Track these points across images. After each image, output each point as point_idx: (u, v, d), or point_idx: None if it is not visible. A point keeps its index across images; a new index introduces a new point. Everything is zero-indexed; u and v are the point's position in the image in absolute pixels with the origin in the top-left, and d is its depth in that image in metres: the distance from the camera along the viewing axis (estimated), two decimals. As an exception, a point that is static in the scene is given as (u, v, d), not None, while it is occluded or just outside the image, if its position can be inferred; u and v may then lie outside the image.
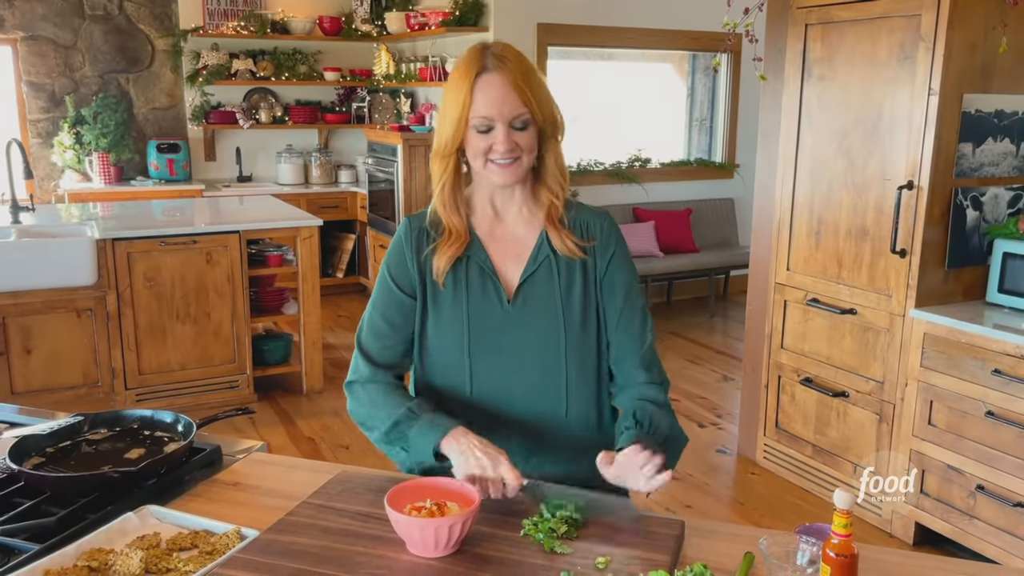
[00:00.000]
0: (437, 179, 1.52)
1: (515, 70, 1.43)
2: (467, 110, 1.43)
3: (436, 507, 1.28)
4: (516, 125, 1.44)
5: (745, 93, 6.54)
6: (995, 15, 2.82)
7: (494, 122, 1.43)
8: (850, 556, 1.11)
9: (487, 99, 1.42)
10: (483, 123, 1.43)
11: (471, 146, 1.46)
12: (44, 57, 6.06)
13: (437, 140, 1.50)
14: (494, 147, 1.44)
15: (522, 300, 1.52)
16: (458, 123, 1.44)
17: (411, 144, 5.56)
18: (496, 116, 1.43)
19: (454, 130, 1.45)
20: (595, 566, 1.23)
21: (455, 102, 1.44)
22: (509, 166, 1.46)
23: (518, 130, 1.44)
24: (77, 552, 1.26)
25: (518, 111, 1.43)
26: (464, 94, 1.43)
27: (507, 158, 1.45)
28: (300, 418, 4.28)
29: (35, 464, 1.52)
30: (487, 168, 1.47)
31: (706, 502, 3.49)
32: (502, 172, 1.47)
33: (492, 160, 1.46)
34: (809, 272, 3.42)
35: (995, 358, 2.73)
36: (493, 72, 1.43)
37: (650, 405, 1.52)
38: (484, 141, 1.44)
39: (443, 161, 1.50)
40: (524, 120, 1.44)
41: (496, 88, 1.42)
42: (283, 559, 1.24)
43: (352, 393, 1.58)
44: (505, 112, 1.42)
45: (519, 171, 1.48)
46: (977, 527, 2.85)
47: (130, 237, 4.03)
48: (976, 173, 2.98)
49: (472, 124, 1.44)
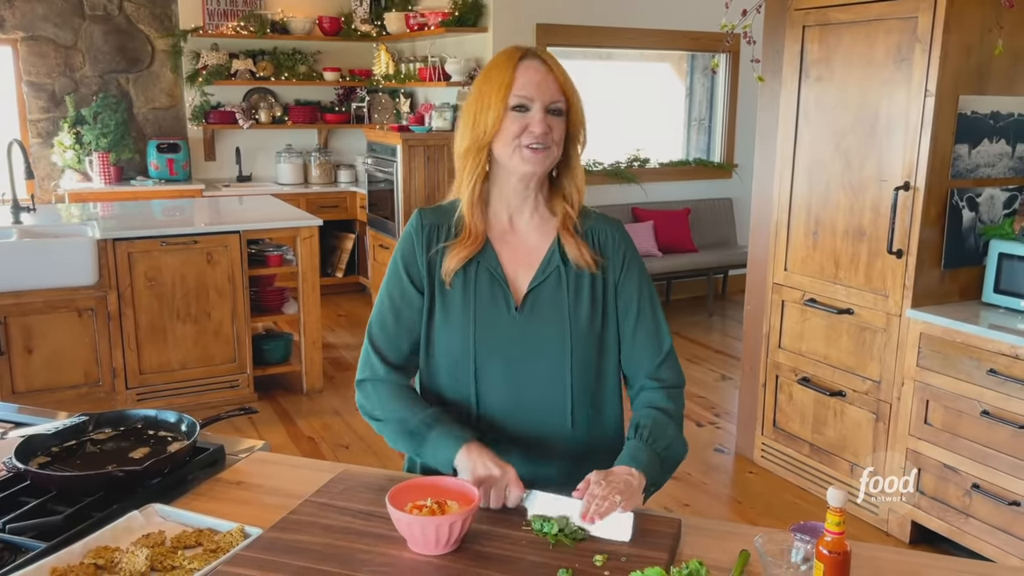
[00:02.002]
0: (468, 177, 1.51)
1: (555, 64, 1.48)
2: (508, 90, 1.44)
3: (437, 505, 1.29)
4: (552, 109, 1.46)
5: (743, 93, 6.56)
6: (991, 17, 2.84)
7: (533, 102, 1.45)
8: (843, 553, 1.13)
9: (528, 80, 1.45)
10: (522, 101, 1.45)
11: (504, 131, 1.46)
12: (44, 57, 6.08)
13: (472, 132, 1.49)
14: (529, 128, 1.45)
15: (530, 307, 1.53)
16: (500, 106, 1.45)
17: (410, 144, 5.58)
18: (535, 96, 1.45)
19: (495, 114, 1.45)
20: (593, 563, 1.25)
21: (496, 85, 1.45)
22: (539, 152, 1.46)
23: (553, 115, 1.46)
24: (84, 550, 1.28)
25: (556, 97, 1.46)
26: (507, 75, 1.45)
27: (540, 143, 1.45)
28: (300, 417, 4.30)
29: (41, 463, 1.54)
30: (517, 154, 1.47)
31: (704, 501, 3.51)
32: (533, 157, 1.46)
33: (524, 145, 1.46)
34: (807, 272, 3.44)
35: (991, 358, 2.75)
36: (535, 59, 1.47)
37: (656, 413, 1.53)
38: (519, 123, 1.45)
39: (476, 156, 1.50)
40: (560, 107, 1.47)
41: (538, 72, 1.46)
42: (287, 556, 1.26)
43: (363, 391, 1.59)
44: (544, 95, 1.45)
45: (547, 160, 1.48)
46: (973, 525, 2.88)
47: (131, 237, 4.05)
48: (972, 174, 3.00)
49: (510, 103, 1.45)
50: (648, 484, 1.42)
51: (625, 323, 1.57)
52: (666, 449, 1.49)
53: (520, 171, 1.49)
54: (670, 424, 1.53)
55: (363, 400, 1.59)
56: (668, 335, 1.59)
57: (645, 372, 1.57)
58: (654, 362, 1.57)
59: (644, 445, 1.47)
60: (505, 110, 1.45)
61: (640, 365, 1.58)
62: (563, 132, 1.48)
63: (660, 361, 1.57)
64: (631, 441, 1.49)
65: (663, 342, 1.58)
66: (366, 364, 1.59)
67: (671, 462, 1.50)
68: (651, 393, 1.56)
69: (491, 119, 1.46)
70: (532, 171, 1.49)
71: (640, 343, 1.57)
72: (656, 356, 1.57)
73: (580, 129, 1.52)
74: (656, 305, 1.59)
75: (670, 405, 1.55)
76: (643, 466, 1.43)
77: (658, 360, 1.57)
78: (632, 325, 1.56)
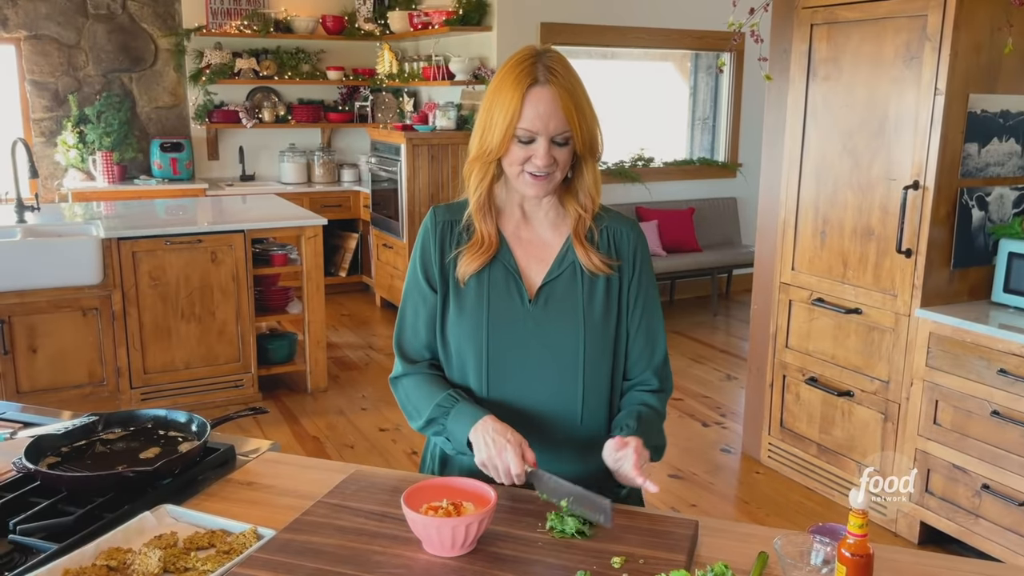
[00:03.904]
0: (475, 185, 1.53)
1: (565, 86, 1.44)
2: (515, 121, 1.44)
3: (452, 507, 1.28)
4: (558, 141, 1.46)
5: (748, 92, 6.55)
6: (1000, 15, 2.83)
7: (538, 136, 1.44)
8: (866, 556, 1.12)
9: (536, 113, 1.43)
10: (527, 135, 1.45)
11: (510, 155, 1.47)
12: (48, 56, 6.07)
13: (480, 145, 1.50)
14: (533, 159, 1.46)
15: (543, 301, 1.54)
16: (505, 133, 1.45)
17: (414, 143, 5.57)
18: (541, 131, 1.44)
19: (501, 139, 1.46)
20: (611, 566, 1.24)
21: (504, 111, 1.45)
22: (542, 179, 1.48)
23: (559, 146, 1.46)
24: (95, 551, 1.26)
25: (562, 129, 1.45)
26: (515, 105, 1.43)
27: (543, 171, 1.46)
28: (305, 417, 4.29)
29: (50, 464, 1.53)
30: (520, 178, 1.49)
31: (711, 501, 3.50)
32: (535, 184, 1.49)
33: (527, 171, 1.47)
34: (814, 272, 3.43)
35: (1000, 358, 2.74)
36: (545, 86, 1.44)
37: (646, 410, 1.57)
38: (524, 152, 1.46)
39: (483, 168, 1.51)
40: (566, 137, 1.46)
41: (546, 103, 1.43)
42: (301, 558, 1.25)
43: (395, 389, 1.62)
44: (551, 128, 1.44)
45: (549, 186, 1.50)
46: (982, 526, 2.86)
47: (135, 236, 4.03)
48: (981, 173, 2.99)
49: (516, 134, 1.45)
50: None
51: (631, 322, 1.59)
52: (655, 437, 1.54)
53: (523, 192, 1.52)
54: (657, 420, 1.57)
55: (397, 396, 1.63)
56: (663, 344, 1.63)
57: (636, 374, 1.61)
58: (647, 368, 1.61)
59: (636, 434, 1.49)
60: (511, 138, 1.46)
61: (633, 367, 1.61)
62: (569, 155, 1.49)
63: (653, 369, 1.61)
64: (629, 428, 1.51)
65: (656, 351, 1.61)
66: (396, 363, 1.63)
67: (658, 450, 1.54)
68: (645, 394, 1.60)
69: (496, 141, 1.47)
70: (533, 195, 1.52)
71: (636, 348, 1.60)
72: (649, 363, 1.61)
73: (592, 147, 1.51)
74: (656, 313, 1.62)
75: (656, 404, 1.59)
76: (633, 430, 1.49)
77: (651, 368, 1.61)
78: (633, 329, 1.59)
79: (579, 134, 1.46)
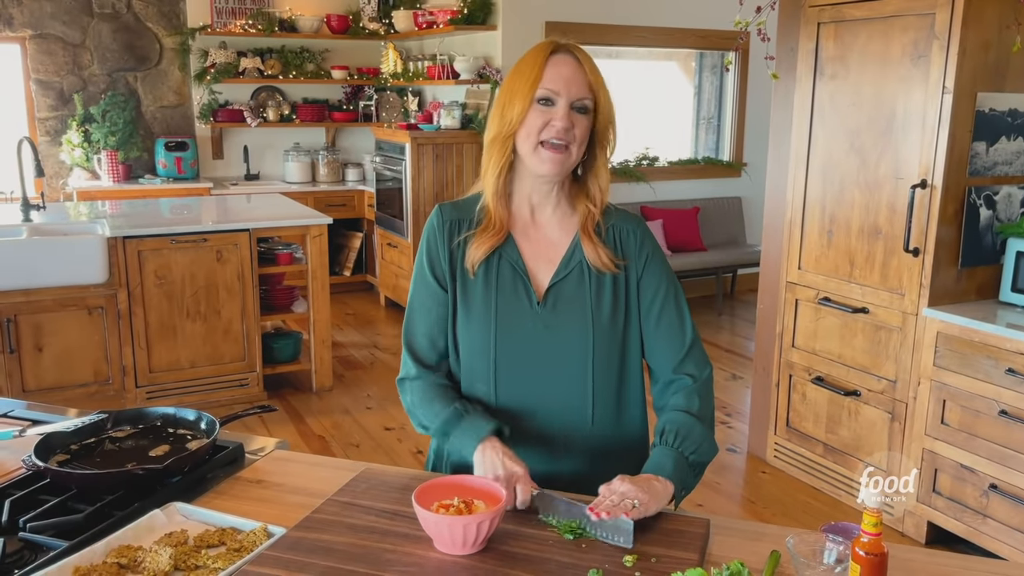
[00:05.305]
0: (494, 167, 1.51)
1: (586, 60, 1.47)
2: (536, 83, 1.44)
3: (464, 505, 1.28)
4: (577, 107, 1.45)
5: (753, 91, 6.54)
6: (1008, 14, 2.82)
7: (559, 97, 1.44)
8: (880, 555, 1.11)
9: (557, 73, 1.44)
10: (547, 94, 1.44)
11: (528, 123, 1.45)
12: (52, 55, 6.07)
13: (498, 123, 1.48)
14: (552, 122, 1.44)
15: (551, 303, 1.52)
16: (526, 97, 1.44)
17: (419, 142, 5.56)
18: (562, 91, 1.44)
19: (521, 106, 1.44)
20: (623, 564, 1.23)
21: (525, 77, 1.45)
22: (558, 152, 1.45)
23: (578, 112, 1.45)
24: (106, 549, 1.26)
25: (583, 94, 1.45)
26: (536, 69, 1.44)
27: (560, 139, 1.44)
28: (310, 416, 4.28)
29: (60, 461, 1.53)
30: (536, 153, 1.46)
31: (717, 501, 3.49)
32: (552, 157, 1.45)
33: (545, 141, 1.45)
34: (821, 271, 3.42)
35: (1008, 357, 2.73)
36: (567, 54, 1.46)
37: (681, 416, 1.50)
38: (543, 116, 1.44)
39: (502, 147, 1.49)
40: (585, 105, 1.46)
41: (568, 67, 1.45)
42: (312, 556, 1.24)
43: (403, 390, 1.60)
44: (572, 91, 1.44)
45: (566, 162, 1.47)
46: (990, 526, 2.85)
47: (141, 235, 4.04)
48: (989, 172, 2.98)
49: (537, 96, 1.44)
50: (678, 489, 1.41)
51: (648, 317, 1.55)
52: (694, 452, 1.47)
53: (538, 171, 1.48)
54: (697, 425, 1.50)
55: (403, 399, 1.60)
56: (692, 328, 1.57)
57: (669, 366, 1.56)
58: (677, 356, 1.55)
59: (671, 450, 1.45)
60: (531, 102, 1.44)
61: (664, 359, 1.56)
62: (586, 131, 1.47)
63: (684, 355, 1.55)
64: (657, 448, 1.47)
65: (686, 335, 1.56)
66: (404, 364, 1.60)
67: (700, 465, 1.48)
68: (676, 396, 1.54)
69: (517, 111, 1.45)
70: (549, 172, 1.47)
71: (663, 337, 1.55)
72: (680, 349, 1.55)
73: (607, 129, 1.50)
74: (680, 298, 1.58)
75: (695, 405, 1.52)
76: (669, 473, 1.41)
77: (681, 354, 1.55)
78: (655, 319, 1.55)
79: (600, 104, 1.46)
